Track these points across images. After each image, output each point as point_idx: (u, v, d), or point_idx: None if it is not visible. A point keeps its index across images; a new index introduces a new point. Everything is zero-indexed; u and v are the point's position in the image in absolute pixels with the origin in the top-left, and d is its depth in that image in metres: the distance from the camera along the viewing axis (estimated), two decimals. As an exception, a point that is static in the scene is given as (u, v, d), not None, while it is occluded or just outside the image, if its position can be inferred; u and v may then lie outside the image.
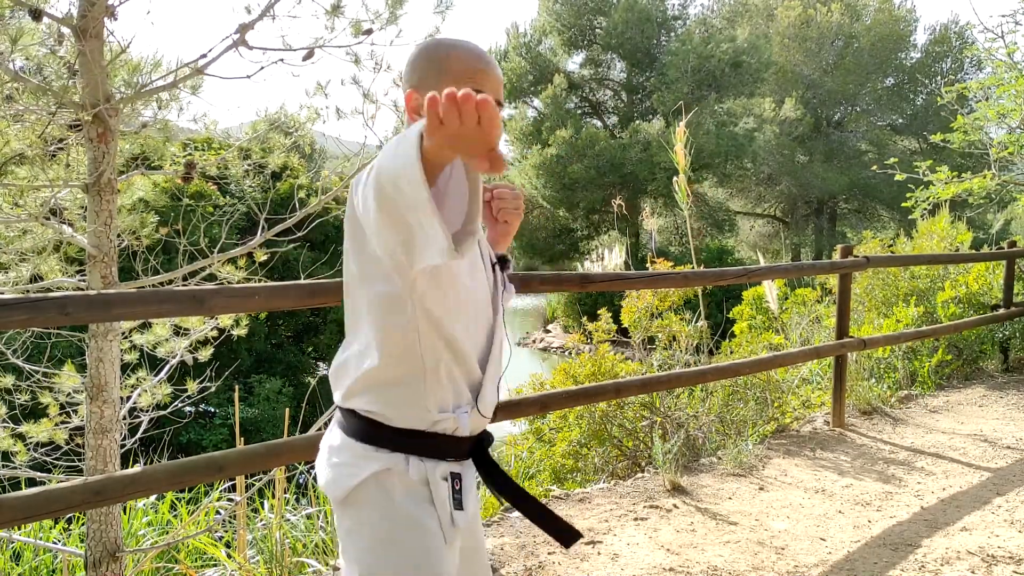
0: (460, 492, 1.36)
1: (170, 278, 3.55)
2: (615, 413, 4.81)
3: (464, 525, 1.36)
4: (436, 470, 1.34)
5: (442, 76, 1.35)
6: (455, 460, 1.38)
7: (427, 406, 1.33)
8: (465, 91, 0.89)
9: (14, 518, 2.05)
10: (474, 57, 1.36)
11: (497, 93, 1.37)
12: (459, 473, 1.37)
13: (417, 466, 1.33)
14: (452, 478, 1.36)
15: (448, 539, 1.33)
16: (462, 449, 1.38)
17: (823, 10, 29.95)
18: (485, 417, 1.40)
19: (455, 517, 1.34)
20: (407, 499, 1.32)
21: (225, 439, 10.97)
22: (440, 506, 1.33)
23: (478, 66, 1.35)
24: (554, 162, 25.48)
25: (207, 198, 10.81)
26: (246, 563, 3.32)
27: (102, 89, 2.85)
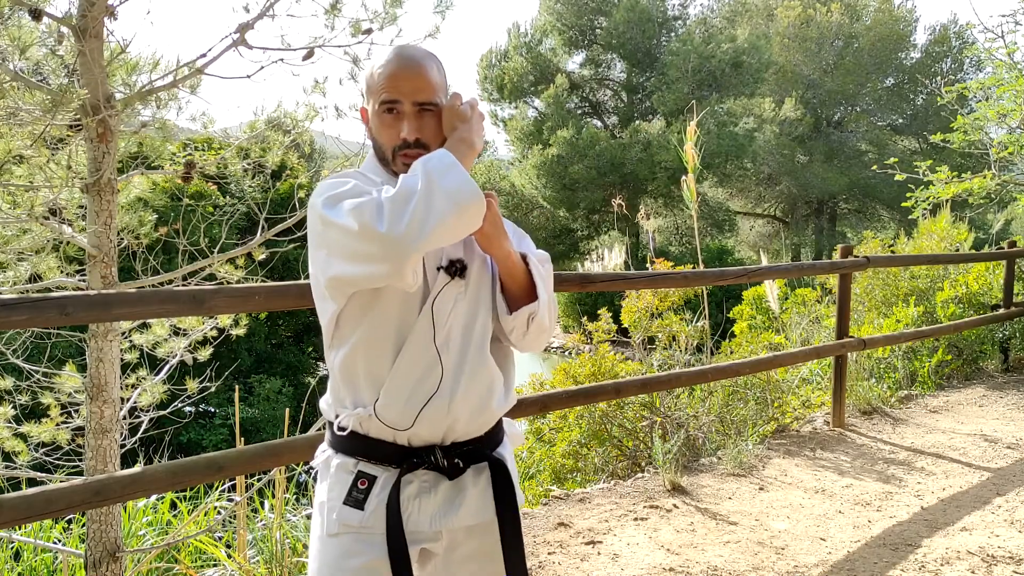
0: (364, 492, 1.38)
1: (170, 278, 3.55)
2: (615, 413, 4.81)
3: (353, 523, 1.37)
4: (346, 463, 1.41)
5: (371, 89, 1.42)
6: (368, 461, 1.39)
7: (338, 399, 1.43)
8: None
9: (14, 518, 2.05)
10: (390, 66, 1.38)
11: (416, 96, 1.37)
12: (373, 475, 1.38)
13: (336, 459, 1.43)
14: (358, 476, 1.39)
15: (327, 529, 1.39)
16: (380, 453, 1.38)
17: (823, 10, 29.94)
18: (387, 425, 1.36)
19: (339, 511, 1.38)
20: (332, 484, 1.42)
21: (225, 439, 10.96)
22: (327, 496, 1.41)
23: (393, 73, 1.37)
24: (555, 162, 25.47)
25: (207, 198, 10.80)
26: (246, 563, 3.31)
27: (102, 89, 2.85)
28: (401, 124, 1.37)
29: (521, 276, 1.44)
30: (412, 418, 1.36)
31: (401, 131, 1.37)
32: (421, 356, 1.36)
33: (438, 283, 1.37)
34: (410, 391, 1.36)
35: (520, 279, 1.44)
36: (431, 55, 1.43)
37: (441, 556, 1.42)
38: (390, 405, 1.36)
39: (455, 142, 1.33)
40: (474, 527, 1.42)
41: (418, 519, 1.38)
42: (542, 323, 1.45)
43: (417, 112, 1.37)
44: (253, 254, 3.88)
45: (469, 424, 1.41)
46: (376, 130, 1.42)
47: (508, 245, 1.41)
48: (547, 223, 28.78)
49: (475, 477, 1.43)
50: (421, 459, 1.38)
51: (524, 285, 1.44)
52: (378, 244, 1.21)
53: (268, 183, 3.96)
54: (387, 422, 1.36)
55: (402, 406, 1.36)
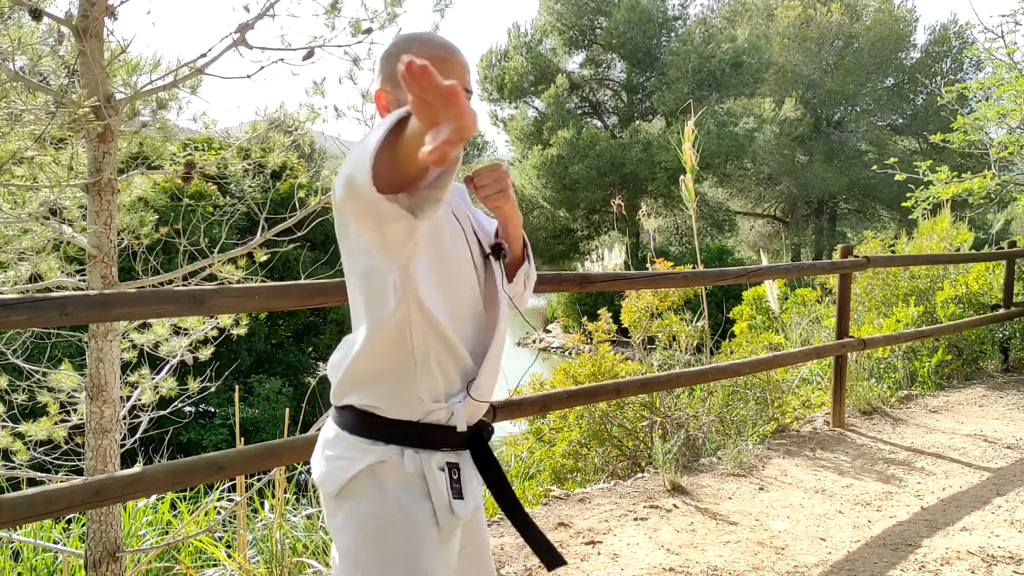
0: (459, 481, 1.35)
1: (170, 278, 3.55)
2: (615, 413, 4.81)
3: (464, 515, 1.34)
4: (431, 460, 1.34)
5: None
6: (451, 451, 1.37)
7: (419, 396, 1.32)
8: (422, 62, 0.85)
9: (14, 518, 2.05)
10: (434, 46, 1.37)
11: (462, 81, 1.37)
12: (456, 463, 1.37)
13: (412, 458, 1.32)
14: (449, 468, 1.35)
15: (444, 528, 1.32)
16: (458, 439, 1.37)
17: (823, 10, 29.94)
18: (480, 403, 1.37)
19: (454, 506, 1.32)
20: (401, 491, 1.31)
21: (225, 439, 10.96)
22: (437, 495, 1.32)
23: (439, 54, 1.36)
24: (555, 162, 25.48)
25: (207, 198, 10.80)
26: (246, 563, 3.31)
27: (102, 89, 2.85)
28: None
29: (519, 243, 1.54)
30: (492, 392, 1.42)
31: None
32: (502, 337, 1.42)
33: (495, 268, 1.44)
34: (493, 367, 1.40)
35: (519, 245, 1.54)
36: None
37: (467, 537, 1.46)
38: (483, 385, 1.38)
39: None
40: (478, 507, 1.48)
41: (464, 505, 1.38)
42: (532, 280, 1.59)
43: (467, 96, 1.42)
44: (253, 254, 3.88)
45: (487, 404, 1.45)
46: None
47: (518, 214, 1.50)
48: (547, 223, 28.79)
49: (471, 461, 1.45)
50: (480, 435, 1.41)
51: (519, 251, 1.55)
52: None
53: (268, 183, 3.96)
54: (481, 398, 1.37)
55: (490, 383, 1.40)
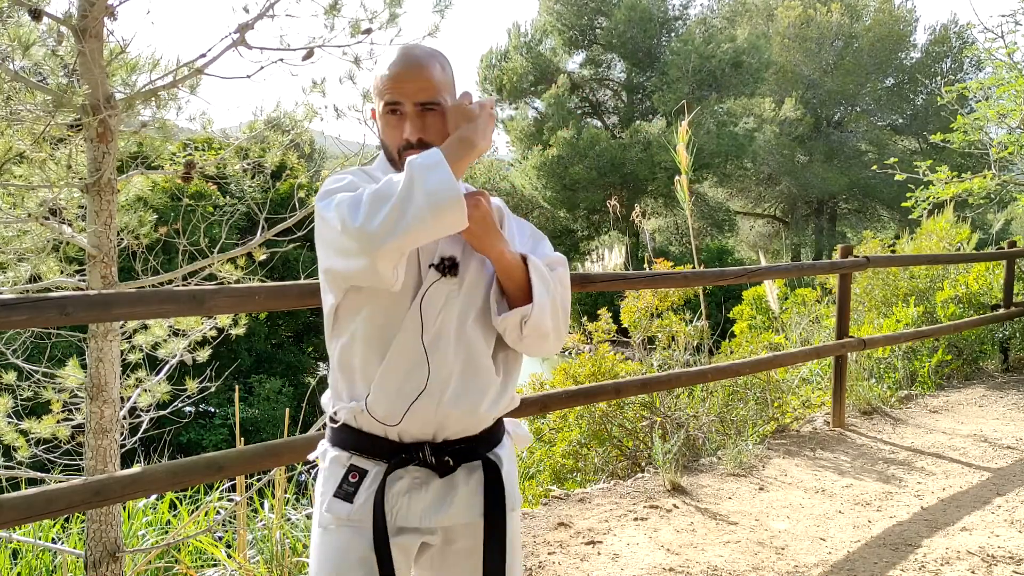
0: (354, 486, 1.39)
1: (170, 278, 3.55)
2: (615, 413, 4.81)
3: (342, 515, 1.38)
4: (339, 456, 1.43)
5: (376, 91, 1.42)
6: (360, 455, 1.40)
7: (338, 392, 1.44)
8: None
9: (14, 518, 2.05)
10: (389, 66, 1.39)
11: (417, 97, 1.37)
12: (364, 469, 1.40)
13: (331, 452, 1.45)
14: (350, 469, 1.40)
15: (320, 522, 1.41)
16: (372, 448, 1.40)
17: (823, 10, 29.94)
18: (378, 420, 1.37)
19: (329, 503, 1.39)
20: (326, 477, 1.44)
21: (225, 439, 10.97)
22: (319, 489, 1.44)
23: (394, 75, 1.38)
24: (555, 163, 25.47)
25: (207, 198, 10.81)
26: (246, 563, 3.31)
27: (102, 89, 2.85)
28: (404, 125, 1.38)
29: (519, 277, 1.40)
30: (400, 414, 1.36)
31: (404, 132, 1.38)
32: (409, 353, 1.36)
33: (427, 279, 1.37)
34: (399, 387, 1.36)
35: (518, 280, 1.40)
36: (436, 54, 1.43)
37: (438, 548, 1.44)
38: (380, 400, 1.37)
39: (454, 140, 1.32)
40: (467, 525, 1.43)
41: (407, 514, 1.39)
42: (540, 328, 1.40)
43: (419, 112, 1.38)
44: (253, 254, 3.88)
45: (461, 423, 1.40)
46: (382, 131, 1.43)
47: (501, 245, 1.38)
48: (547, 224, 28.77)
49: (467, 476, 1.43)
50: (410, 455, 1.38)
51: (523, 287, 1.40)
52: (353, 239, 1.23)
53: (268, 183, 3.96)
54: (377, 416, 1.37)
55: (391, 401, 1.36)
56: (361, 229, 1.21)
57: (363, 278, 1.28)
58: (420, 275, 1.38)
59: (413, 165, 1.24)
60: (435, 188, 1.21)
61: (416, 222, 1.21)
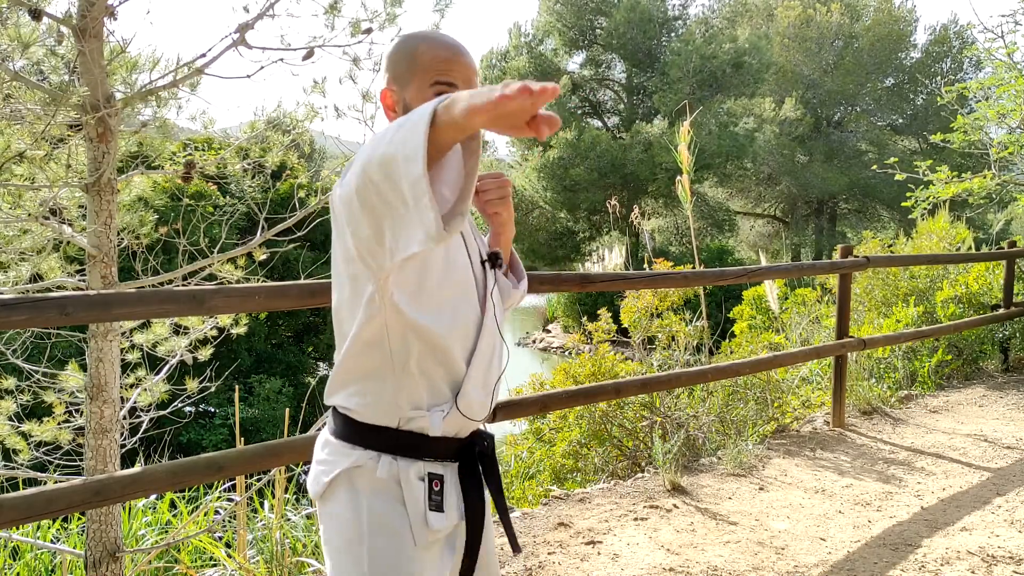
0: (440, 494, 1.32)
1: (170, 278, 3.55)
2: (615, 413, 4.81)
3: (443, 528, 1.32)
4: (410, 469, 1.31)
5: (414, 69, 1.35)
6: (435, 460, 1.34)
7: (398, 402, 1.30)
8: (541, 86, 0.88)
9: (14, 518, 2.05)
10: (443, 47, 1.36)
11: (469, 82, 1.36)
12: (440, 474, 1.33)
13: (388, 464, 1.30)
14: (430, 479, 1.32)
15: (418, 541, 1.29)
16: (442, 450, 1.34)
17: (823, 10, 29.95)
18: (468, 419, 1.34)
19: (429, 518, 1.30)
20: (375, 498, 1.30)
21: (225, 439, 10.96)
22: (412, 506, 1.30)
23: (447, 55, 1.35)
24: (555, 164, 25.46)
25: (207, 198, 10.81)
26: (246, 563, 3.31)
27: (102, 89, 2.85)
28: None
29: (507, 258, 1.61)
30: (488, 408, 1.39)
31: None
32: (490, 345, 1.39)
33: (489, 275, 1.44)
34: (484, 381, 1.38)
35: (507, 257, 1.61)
36: None
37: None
38: (473, 397, 1.35)
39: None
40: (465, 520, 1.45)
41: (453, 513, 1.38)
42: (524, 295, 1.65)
43: None
44: (253, 254, 3.88)
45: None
46: None
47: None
48: (547, 224, 28.77)
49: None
50: (472, 449, 1.38)
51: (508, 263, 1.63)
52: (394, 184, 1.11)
53: (268, 183, 3.96)
54: (468, 415, 1.34)
55: (481, 397, 1.37)
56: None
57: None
58: (473, 271, 1.41)
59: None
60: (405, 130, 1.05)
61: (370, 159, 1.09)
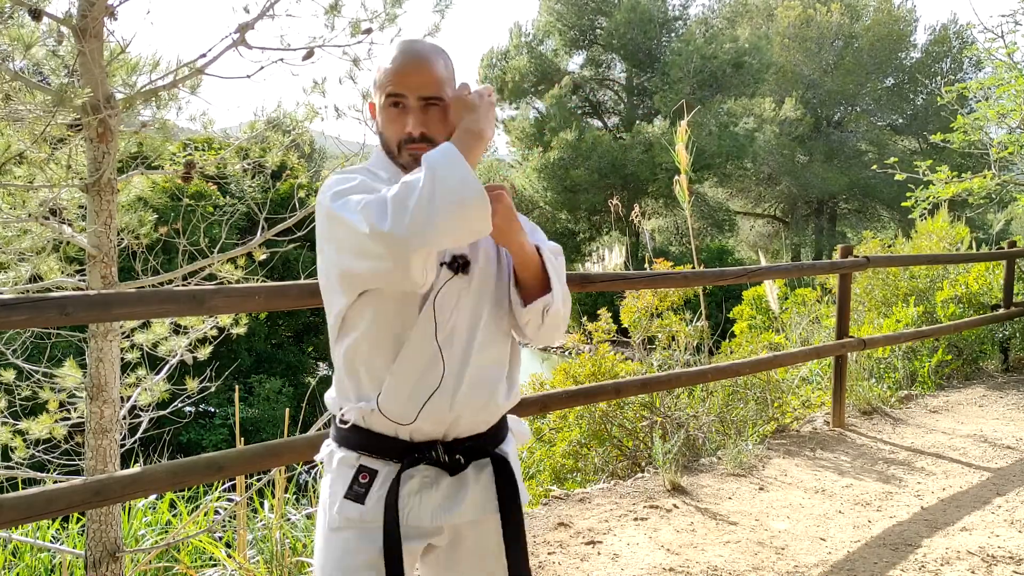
0: (365, 486, 1.39)
1: (170, 278, 3.55)
2: (615, 413, 4.81)
3: (354, 518, 1.38)
4: (349, 458, 1.42)
5: (377, 83, 1.42)
6: (372, 456, 1.40)
7: (339, 394, 1.44)
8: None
9: (14, 518, 2.05)
10: (394, 59, 1.40)
11: (421, 91, 1.37)
12: (373, 469, 1.40)
13: (342, 453, 1.44)
14: (359, 470, 1.40)
15: (329, 524, 1.40)
16: (382, 447, 1.39)
17: (823, 10, 29.95)
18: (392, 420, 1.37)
19: (340, 504, 1.39)
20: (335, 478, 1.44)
21: (225, 439, 10.97)
22: (327, 491, 1.43)
23: (394, 68, 1.39)
24: (556, 165, 25.45)
25: (207, 198, 10.81)
26: (246, 563, 3.31)
27: (102, 89, 2.85)
28: (406, 118, 1.38)
29: (535, 268, 1.44)
30: (415, 413, 1.36)
31: (406, 125, 1.38)
32: (423, 352, 1.36)
33: (440, 279, 1.37)
34: (412, 386, 1.36)
35: (534, 271, 1.44)
36: (438, 49, 1.43)
37: (444, 550, 1.44)
38: (392, 399, 1.36)
39: (461, 133, 1.31)
40: (476, 522, 1.43)
41: (419, 514, 1.39)
42: (557, 314, 1.46)
43: (422, 107, 1.38)
44: (253, 254, 3.88)
45: (472, 420, 1.41)
46: (383, 124, 1.43)
47: (522, 237, 1.41)
48: (548, 224, 28.76)
49: (477, 473, 1.44)
50: (422, 454, 1.39)
51: (538, 277, 1.45)
52: (383, 243, 1.20)
53: (268, 183, 3.97)
54: (390, 416, 1.37)
55: (404, 401, 1.36)
56: (391, 232, 1.19)
57: (389, 280, 1.26)
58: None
59: (431, 162, 1.22)
60: (457, 184, 1.20)
61: (443, 221, 1.19)
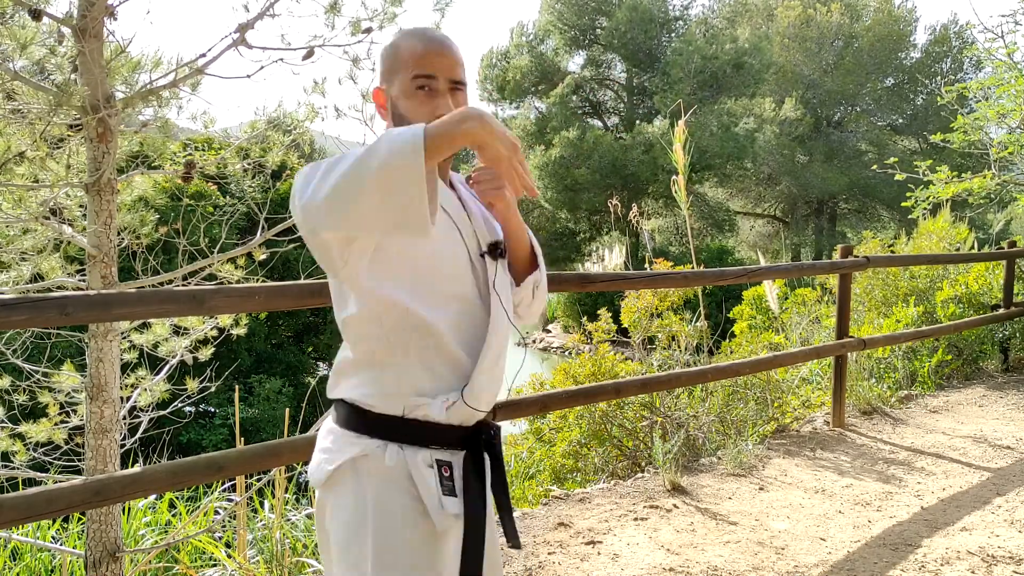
0: (451, 479, 1.34)
1: (170, 278, 3.55)
2: (615, 413, 4.81)
3: (456, 512, 1.33)
4: (417, 456, 1.33)
5: (396, 67, 1.39)
6: (441, 448, 1.36)
7: (401, 390, 1.33)
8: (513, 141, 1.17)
9: (14, 518, 2.05)
10: (420, 40, 1.38)
11: (451, 73, 1.37)
12: (449, 461, 1.36)
13: (394, 453, 1.33)
14: (439, 465, 1.34)
15: (439, 526, 1.31)
16: (449, 438, 1.36)
17: (823, 10, 29.95)
18: (473, 408, 1.36)
19: (445, 503, 1.32)
20: (381, 485, 1.31)
21: (225, 439, 10.96)
22: (425, 491, 1.31)
23: (423, 48, 1.37)
24: (557, 164, 25.45)
25: (207, 198, 10.80)
26: (246, 563, 3.31)
27: (102, 89, 2.85)
28: (436, 101, 1.36)
29: (526, 247, 1.49)
30: (494, 399, 1.39)
31: (437, 108, 1.35)
32: (501, 338, 1.39)
33: (490, 266, 1.40)
34: (492, 373, 1.38)
35: (525, 250, 1.49)
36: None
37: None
38: (478, 389, 1.35)
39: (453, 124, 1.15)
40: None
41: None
42: (543, 290, 1.52)
43: (451, 89, 1.38)
44: (253, 254, 3.88)
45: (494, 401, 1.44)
46: (407, 108, 1.38)
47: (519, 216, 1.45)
48: (548, 224, 28.76)
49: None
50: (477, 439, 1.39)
51: (527, 255, 1.50)
52: (300, 215, 1.19)
53: (268, 183, 3.96)
54: (475, 405, 1.35)
55: (489, 388, 1.37)
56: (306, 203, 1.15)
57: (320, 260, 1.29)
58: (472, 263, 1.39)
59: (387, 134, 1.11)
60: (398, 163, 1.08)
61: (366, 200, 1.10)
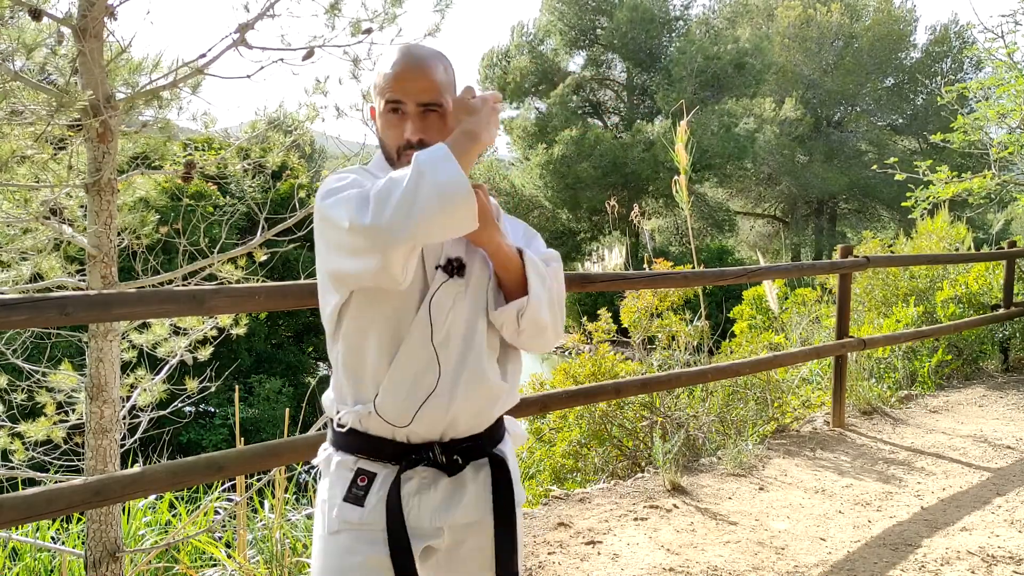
0: (364, 489, 1.38)
1: (170, 278, 3.56)
2: (615, 413, 4.81)
3: (354, 520, 1.37)
4: (347, 461, 1.42)
5: (377, 88, 1.42)
6: (369, 459, 1.39)
7: (339, 397, 1.44)
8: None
9: (14, 518, 2.05)
10: (392, 64, 1.40)
11: (420, 97, 1.37)
12: (372, 472, 1.39)
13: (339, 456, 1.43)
14: (357, 473, 1.40)
15: (328, 528, 1.40)
16: (384, 450, 1.39)
17: (823, 10, 29.95)
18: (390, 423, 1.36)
19: (338, 508, 1.39)
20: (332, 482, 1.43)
21: (225, 439, 10.96)
22: (325, 495, 1.43)
23: (392, 73, 1.38)
24: (558, 163, 25.44)
25: (207, 198, 10.80)
26: (246, 563, 3.31)
27: (102, 89, 2.85)
28: (405, 124, 1.38)
29: (516, 270, 1.41)
30: (411, 415, 1.36)
31: (405, 131, 1.38)
32: (419, 354, 1.36)
33: (435, 281, 1.37)
34: (408, 389, 1.36)
35: (515, 273, 1.41)
36: (439, 55, 1.42)
37: (444, 552, 1.43)
38: (389, 402, 1.36)
39: (458, 135, 1.29)
40: (476, 523, 1.43)
41: (419, 515, 1.39)
42: (537, 321, 1.41)
43: (421, 113, 1.38)
44: (253, 254, 3.88)
45: (469, 422, 1.41)
46: (382, 130, 1.42)
47: (498, 237, 1.38)
48: (548, 224, 28.75)
49: (475, 474, 1.44)
50: (420, 456, 1.38)
51: (519, 280, 1.41)
52: (363, 236, 1.21)
53: (268, 183, 3.97)
54: (386, 419, 1.37)
55: (401, 403, 1.36)
56: (372, 225, 1.19)
57: (373, 277, 1.25)
58: (426, 277, 1.38)
59: (419, 159, 1.21)
60: (444, 181, 1.19)
61: (426, 215, 1.18)
